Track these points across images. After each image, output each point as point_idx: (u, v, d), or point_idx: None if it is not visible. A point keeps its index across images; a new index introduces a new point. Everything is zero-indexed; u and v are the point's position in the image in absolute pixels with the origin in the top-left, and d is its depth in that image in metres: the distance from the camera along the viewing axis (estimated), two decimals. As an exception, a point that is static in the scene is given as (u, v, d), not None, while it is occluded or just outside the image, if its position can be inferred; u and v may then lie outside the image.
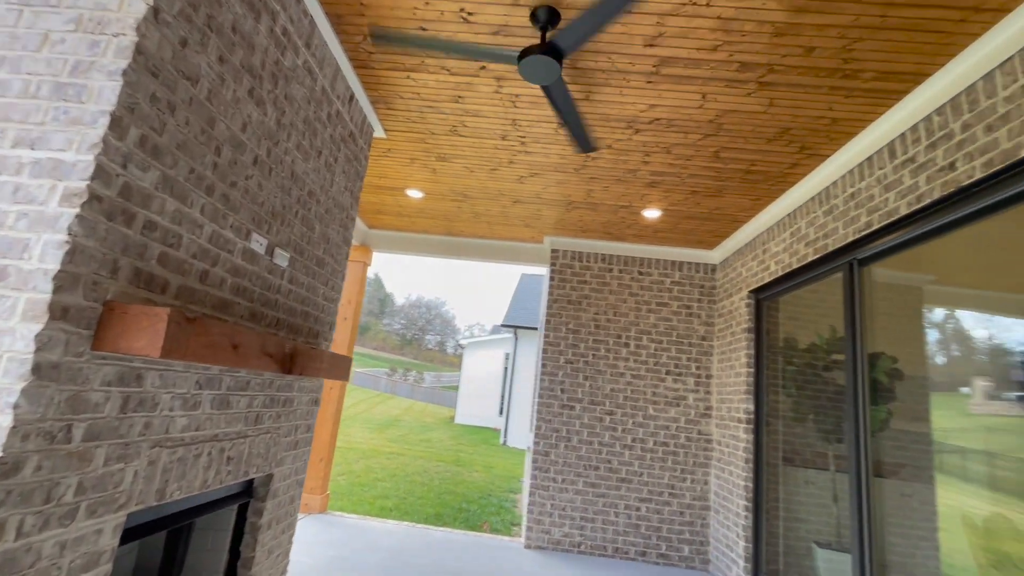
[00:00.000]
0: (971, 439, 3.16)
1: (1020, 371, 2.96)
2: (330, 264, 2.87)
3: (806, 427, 4.16)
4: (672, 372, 5.03)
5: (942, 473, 3.28)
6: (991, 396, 3.52)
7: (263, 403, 2.28)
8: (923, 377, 3.20)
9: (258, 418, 2.25)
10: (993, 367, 3.09)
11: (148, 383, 1.58)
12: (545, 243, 5.47)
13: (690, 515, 4.72)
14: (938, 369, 3.15)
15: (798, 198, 3.69)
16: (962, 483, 3.19)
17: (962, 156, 2.31)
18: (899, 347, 3.25)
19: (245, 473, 2.17)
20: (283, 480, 2.56)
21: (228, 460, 2.03)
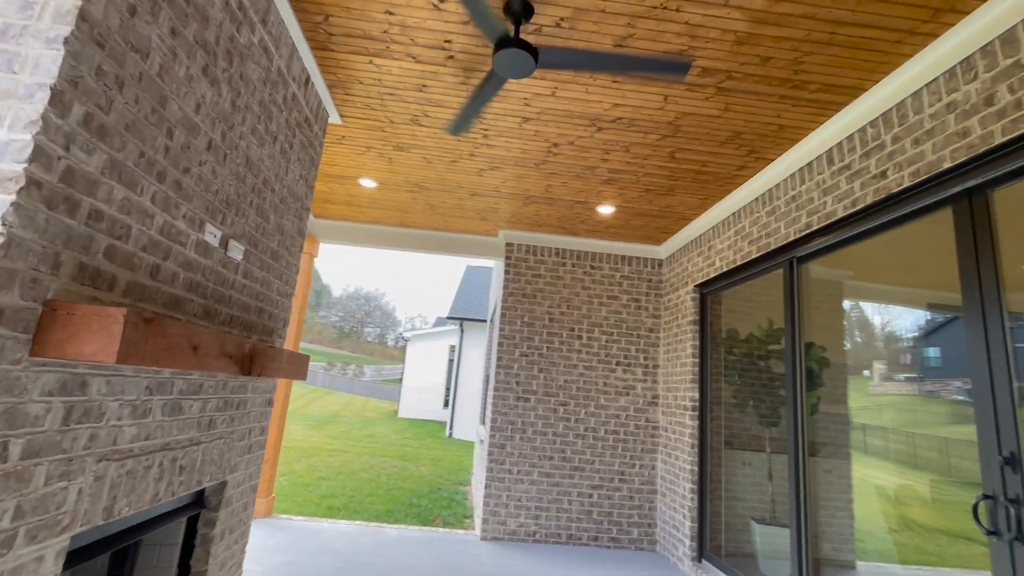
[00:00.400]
0: (872, 417, 3.56)
1: (907, 355, 3.37)
2: (284, 257, 2.70)
3: (746, 412, 4.46)
4: (622, 363, 5.22)
5: (855, 450, 3.65)
6: (885, 378, 4.01)
7: (216, 407, 2.12)
8: (843, 364, 3.51)
9: (211, 423, 2.09)
10: (888, 352, 3.52)
11: (94, 390, 1.42)
12: (500, 236, 5.46)
13: (639, 499, 4.94)
14: (853, 356, 3.50)
15: (743, 198, 3.92)
16: (869, 457, 3.57)
17: (892, 165, 2.55)
18: (823, 337, 3.56)
19: (198, 482, 2.01)
20: (237, 487, 2.41)
21: (180, 470, 1.87)
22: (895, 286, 5.39)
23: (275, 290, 2.61)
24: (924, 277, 5.00)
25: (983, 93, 2.11)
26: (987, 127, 2.08)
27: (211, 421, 2.09)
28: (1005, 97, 2.02)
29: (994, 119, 2.05)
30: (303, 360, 2.60)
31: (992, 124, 2.06)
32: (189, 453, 1.92)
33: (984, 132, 2.09)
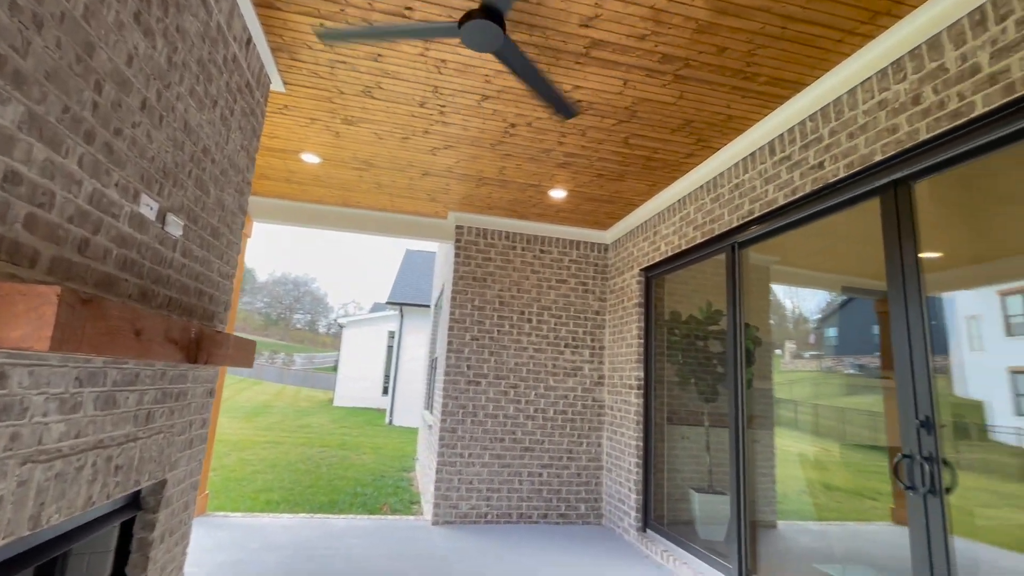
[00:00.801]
0: (787, 391, 3.94)
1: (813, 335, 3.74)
2: (225, 235, 2.48)
3: (687, 389, 4.72)
4: (570, 345, 5.33)
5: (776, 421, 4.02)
6: (795, 355, 4.45)
7: (154, 398, 1.92)
8: (769, 343, 3.80)
9: (149, 416, 1.89)
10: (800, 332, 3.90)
11: (14, 383, 1.23)
12: (449, 219, 5.35)
13: (586, 476, 5.11)
14: (775, 336, 3.83)
15: (688, 185, 4.09)
16: (785, 428, 3.93)
17: (829, 157, 2.75)
18: (752, 318, 3.83)
19: (136, 482, 1.82)
20: (177, 485, 2.20)
21: (116, 469, 1.68)
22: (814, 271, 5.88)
23: (216, 271, 2.39)
24: (839, 263, 5.48)
25: (911, 93, 2.32)
26: (913, 124, 2.29)
27: (149, 414, 1.89)
28: (930, 97, 2.23)
29: (920, 117, 2.26)
30: (250, 347, 2.41)
31: (918, 122, 2.27)
32: (126, 451, 1.73)
33: (911, 129, 2.30)
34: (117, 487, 1.69)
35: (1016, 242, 2.15)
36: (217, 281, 2.42)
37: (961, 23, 2.12)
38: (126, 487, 1.75)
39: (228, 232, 2.50)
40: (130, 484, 1.78)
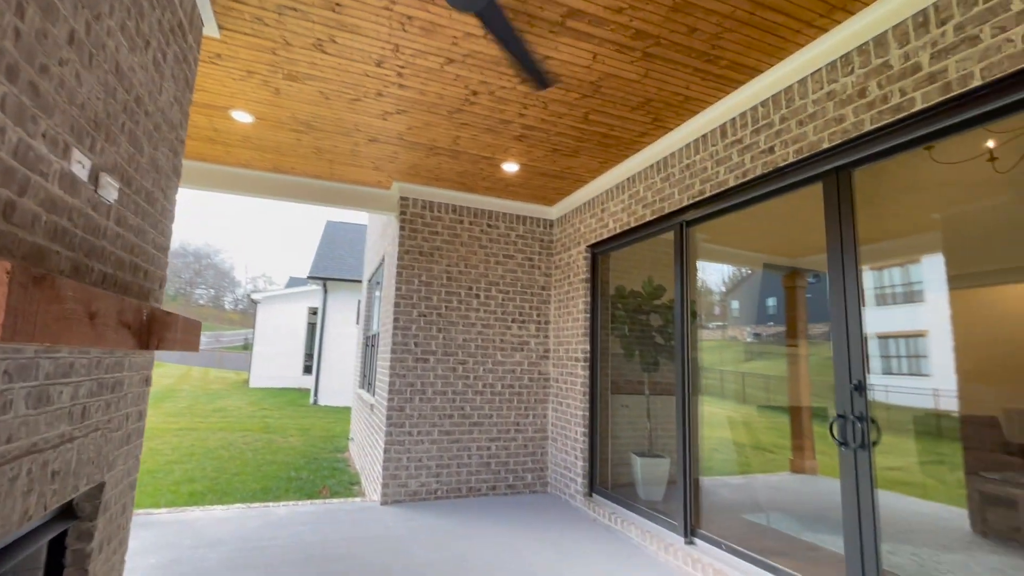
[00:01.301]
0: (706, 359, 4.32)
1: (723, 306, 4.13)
2: (160, 202, 2.15)
3: (631, 361, 4.95)
4: (517, 320, 5.36)
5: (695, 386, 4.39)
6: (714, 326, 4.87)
7: (90, 391, 1.65)
8: (698, 315, 4.07)
9: (85, 412, 1.62)
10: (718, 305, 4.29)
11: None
12: (393, 189, 5.08)
13: (532, 447, 5.24)
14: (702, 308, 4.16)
15: (639, 164, 4.19)
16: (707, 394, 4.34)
17: (779, 142, 2.93)
18: (706, 293, 4.07)
19: (74, 487, 1.57)
20: (115, 486, 1.94)
21: (53, 476, 1.43)
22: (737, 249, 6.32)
23: (151, 242, 2.08)
24: (760, 243, 5.94)
25: (857, 86, 2.51)
26: (859, 116, 2.49)
27: (84, 410, 1.62)
28: (874, 91, 2.43)
29: (865, 109, 2.47)
30: (196, 328, 2.15)
31: (863, 113, 2.47)
32: (62, 453, 1.47)
33: (856, 120, 2.50)
34: (55, 496, 1.45)
35: (893, 228, 2.48)
36: (152, 255, 2.11)
37: (906, 23, 2.32)
38: (63, 495, 1.51)
39: (163, 198, 2.18)
40: (68, 491, 1.53)
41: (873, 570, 2.35)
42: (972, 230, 6.26)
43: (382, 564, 3.22)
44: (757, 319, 11.65)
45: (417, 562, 3.27)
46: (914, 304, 4.07)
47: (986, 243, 6.08)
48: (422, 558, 3.34)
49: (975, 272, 6.83)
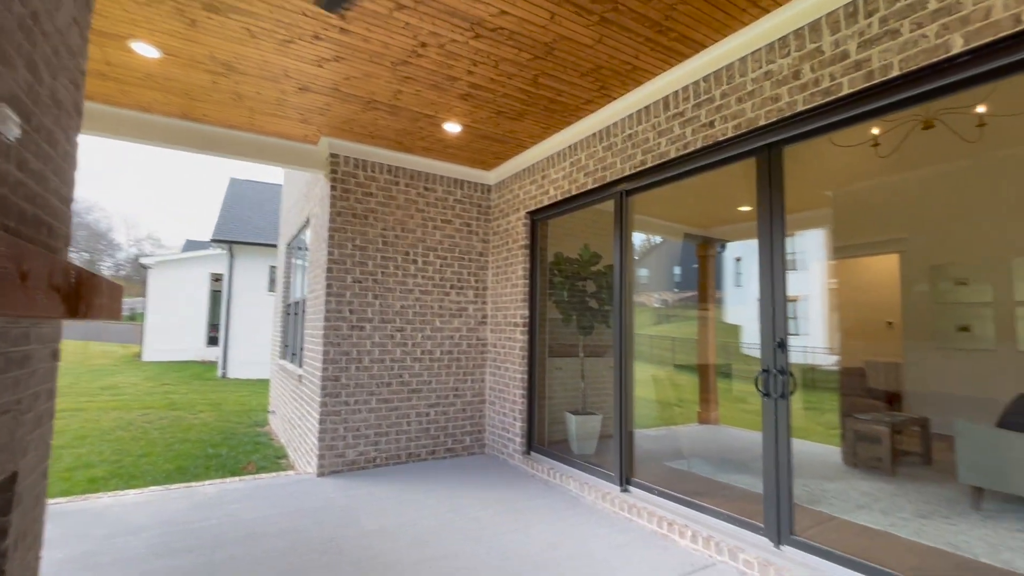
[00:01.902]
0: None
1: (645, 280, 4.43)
2: (62, 144, 1.82)
3: (568, 325, 5.12)
4: (455, 286, 5.31)
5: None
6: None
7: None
8: (630, 283, 4.30)
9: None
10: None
11: None
12: (322, 145, 4.70)
13: (470, 411, 5.31)
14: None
15: (581, 132, 4.23)
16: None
17: (719, 117, 3.09)
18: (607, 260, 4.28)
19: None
20: (28, 475, 1.69)
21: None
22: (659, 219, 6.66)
23: (54, 192, 1.76)
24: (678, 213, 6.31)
25: (792, 68, 2.71)
26: (793, 96, 2.69)
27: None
28: (807, 74, 2.63)
29: (798, 91, 2.67)
30: (119, 293, 1.88)
31: (796, 95, 2.68)
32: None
33: (790, 100, 2.71)
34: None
35: (791, 204, 2.79)
36: (56, 207, 1.79)
37: (838, 12, 2.52)
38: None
39: (65, 140, 1.84)
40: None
41: (787, 501, 2.71)
42: (854, 207, 7.10)
43: (330, 536, 3.15)
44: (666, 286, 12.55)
45: (366, 531, 3.24)
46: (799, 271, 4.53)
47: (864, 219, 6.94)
48: (370, 526, 3.31)
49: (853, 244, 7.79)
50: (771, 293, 2.85)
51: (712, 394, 7.45)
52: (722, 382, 9.06)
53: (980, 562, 2.72)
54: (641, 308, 5.83)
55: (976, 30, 2.03)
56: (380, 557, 2.87)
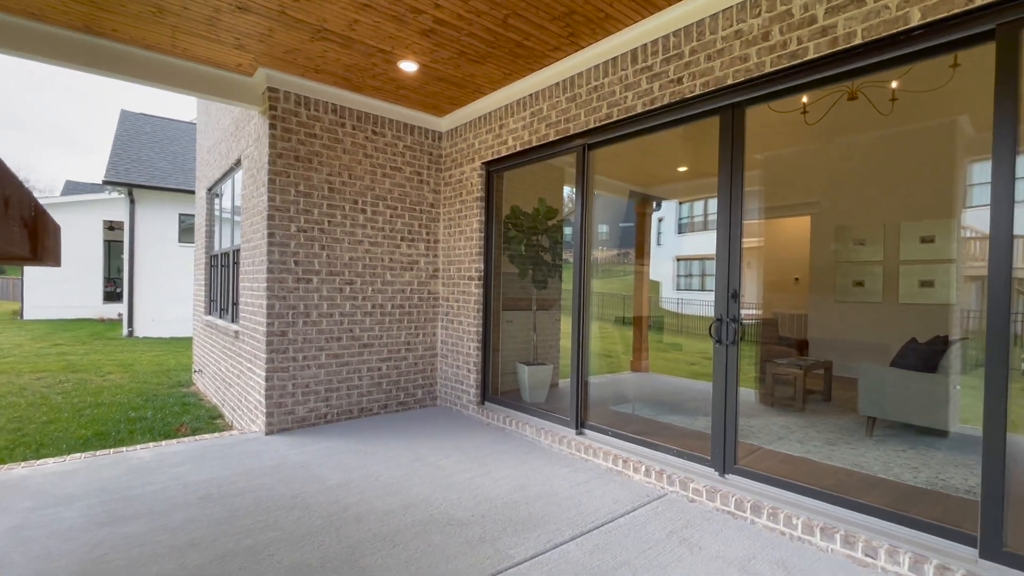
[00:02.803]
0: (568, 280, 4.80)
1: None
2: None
3: (523, 280, 5.17)
4: (406, 238, 5.13)
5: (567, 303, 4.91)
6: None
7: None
8: (590, 239, 4.41)
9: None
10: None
11: None
12: (258, 77, 4.21)
13: (422, 364, 5.28)
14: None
15: (544, 80, 4.13)
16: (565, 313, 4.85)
17: (688, 74, 3.15)
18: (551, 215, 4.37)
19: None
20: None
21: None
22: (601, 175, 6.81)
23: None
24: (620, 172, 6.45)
25: (762, 29, 2.79)
26: (761, 57, 2.80)
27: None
28: (776, 36, 2.73)
29: (767, 52, 2.77)
30: (59, 234, 1.61)
31: (765, 56, 2.78)
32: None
33: (758, 60, 2.81)
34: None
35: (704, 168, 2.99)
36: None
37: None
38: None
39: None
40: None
41: (733, 437, 3.02)
42: (780, 170, 7.63)
43: (292, 492, 3.06)
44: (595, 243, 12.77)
45: (329, 485, 3.19)
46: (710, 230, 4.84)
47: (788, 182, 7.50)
48: (333, 480, 3.26)
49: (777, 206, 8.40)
50: (728, 247, 3.05)
51: (644, 345, 7.97)
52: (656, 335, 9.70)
53: (878, 477, 3.23)
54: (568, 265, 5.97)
55: (932, 5, 2.20)
56: (350, 509, 2.86)
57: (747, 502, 2.77)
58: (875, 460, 3.59)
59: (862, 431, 4.26)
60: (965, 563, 2.12)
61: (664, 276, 17.27)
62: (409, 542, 2.50)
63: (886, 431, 4.26)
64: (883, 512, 2.44)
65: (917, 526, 2.33)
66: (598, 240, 7.98)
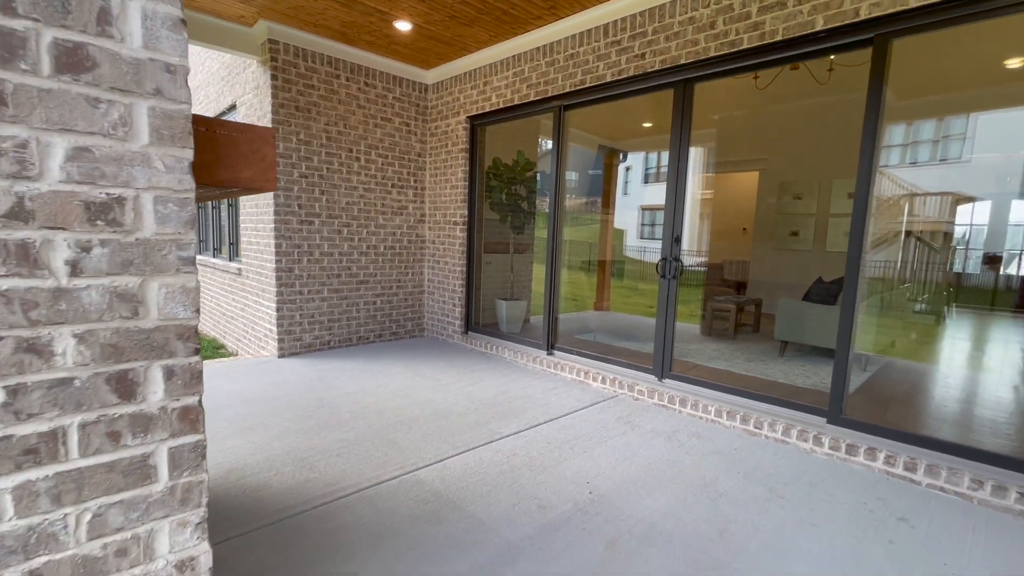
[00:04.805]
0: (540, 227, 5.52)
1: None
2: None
3: (503, 225, 5.80)
4: (396, 185, 5.62)
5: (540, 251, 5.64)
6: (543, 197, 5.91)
7: None
8: (562, 190, 5.04)
9: None
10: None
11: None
12: (258, 28, 4.48)
13: (411, 300, 5.93)
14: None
15: (526, 44, 4.59)
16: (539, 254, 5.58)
17: (650, 51, 3.72)
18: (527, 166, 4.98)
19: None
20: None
21: None
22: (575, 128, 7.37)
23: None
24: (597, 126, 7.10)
25: (710, 18, 3.38)
26: (708, 43, 3.40)
27: None
28: (720, 26, 3.33)
29: (712, 39, 3.37)
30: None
31: (711, 42, 3.38)
32: None
33: (705, 45, 3.41)
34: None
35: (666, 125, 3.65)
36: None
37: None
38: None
39: None
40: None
41: (670, 350, 3.87)
42: (732, 130, 8.39)
43: (318, 397, 3.76)
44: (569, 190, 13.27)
45: (347, 391, 3.89)
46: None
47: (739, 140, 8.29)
48: (350, 388, 3.97)
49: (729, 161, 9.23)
50: (674, 199, 3.77)
51: (606, 287, 8.85)
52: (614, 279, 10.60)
53: (778, 381, 4.20)
54: (541, 212, 6.62)
55: (832, 15, 2.85)
56: (370, 407, 3.58)
57: (677, 398, 3.65)
58: (779, 371, 4.57)
59: (775, 353, 5.26)
60: (817, 427, 3.06)
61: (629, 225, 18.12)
62: (423, 425, 3.26)
63: (795, 353, 5.28)
64: (770, 399, 3.36)
65: (791, 407, 3.26)
66: (569, 188, 8.62)
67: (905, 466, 2.68)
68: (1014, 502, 2.38)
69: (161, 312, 0.91)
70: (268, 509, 2.24)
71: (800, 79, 5.83)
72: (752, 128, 7.96)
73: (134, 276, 0.87)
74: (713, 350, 5.50)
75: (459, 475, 2.61)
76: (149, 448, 0.92)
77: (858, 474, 2.77)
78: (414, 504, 2.32)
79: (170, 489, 0.95)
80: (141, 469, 0.92)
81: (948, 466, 2.57)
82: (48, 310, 0.79)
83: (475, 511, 2.28)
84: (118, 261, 0.85)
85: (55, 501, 0.83)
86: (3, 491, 0.79)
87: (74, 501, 0.85)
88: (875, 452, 2.78)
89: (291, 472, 2.59)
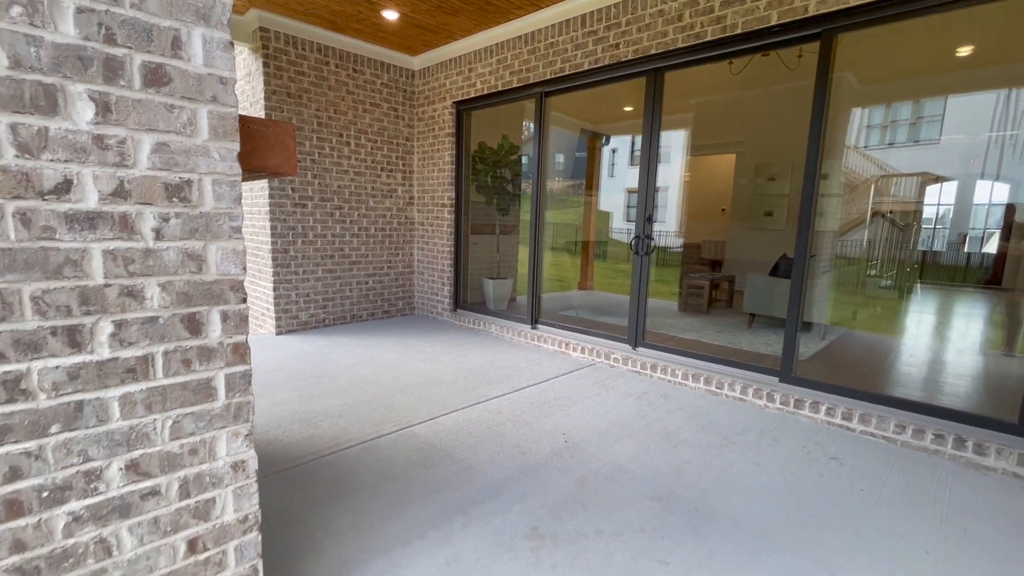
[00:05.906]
0: (526, 209, 5.80)
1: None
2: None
3: (489, 207, 6.05)
4: (386, 169, 5.83)
5: (524, 232, 5.93)
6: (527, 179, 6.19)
7: None
8: (544, 173, 5.30)
9: None
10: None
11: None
12: (249, 16, 4.62)
13: (401, 280, 6.19)
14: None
15: (509, 32, 4.79)
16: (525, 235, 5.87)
17: (623, 41, 3.97)
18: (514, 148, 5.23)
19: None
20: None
21: None
22: (559, 112, 7.64)
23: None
24: (580, 110, 7.35)
25: (678, 12, 3.63)
26: (676, 35, 3.66)
27: None
28: (687, 19, 3.59)
29: (680, 31, 3.63)
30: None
31: (678, 34, 3.64)
32: None
33: (674, 37, 3.67)
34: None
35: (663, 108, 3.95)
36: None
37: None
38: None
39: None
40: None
41: (643, 321, 4.20)
42: (709, 114, 8.68)
43: (316, 369, 4.04)
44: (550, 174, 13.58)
45: (343, 364, 4.17)
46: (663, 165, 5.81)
47: (716, 124, 8.58)
48: (346, 361, 4.25)
49: (706, 144, 9.54)
50: (647, 181, 4.06)
51: (590, 268, 9.17)
52: (597, 260, 10.92)
53: (743, 349, 4.56)
54: (526, 195, 6.88)
55: (784, 11, 3.13)
56: (366, 377, 3.87)
57: (649, 364, 4.00)
58: (745, 341, 4.94)
59: (744, 325, 5.64)
60: (771, 386, 3.42)
61: (616, 207, 18.42)
62: (416, 391, 3.57)
63: (763, 325, 5.66)
64: (732, 363, 3.71)
65: (749, 368, 3.62)
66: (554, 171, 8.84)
67: (843, 416, 3.05)
68: (929, 443, 2.76)
69: (218, 268, 1.18)
70: (280, 458, 2.54)
71: (770, 65, 6.11)
72: (728, 112, 8.24)
73: (199, 240, 1.15)
74: (687, 323, 5.86)
75: (450, 430, 2.93)
76: (211, 373, 1.20)
77: (803, 424, 3.14)
78: (410, 453, 2.64)
79: (226, 406, 1.24)
80: (206, 389, 1.20)
81: (878, 415, 2.94)
82: (140, 265, 1.07)
83: (464, 457, 2.60)
84: (188, 229, 1.13)
85: (147, 409, 1.12)
86: (112, 399, 1.07)
87: (160, 410, 1.13)
88: (818, 405, 3.15)
89: (298, 429, 2.88)
